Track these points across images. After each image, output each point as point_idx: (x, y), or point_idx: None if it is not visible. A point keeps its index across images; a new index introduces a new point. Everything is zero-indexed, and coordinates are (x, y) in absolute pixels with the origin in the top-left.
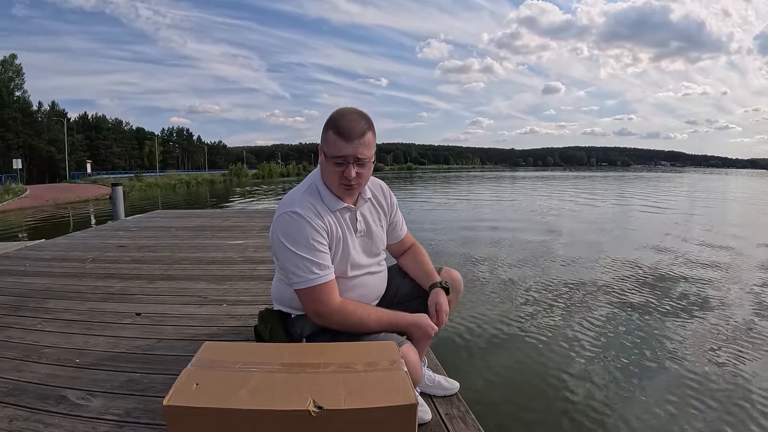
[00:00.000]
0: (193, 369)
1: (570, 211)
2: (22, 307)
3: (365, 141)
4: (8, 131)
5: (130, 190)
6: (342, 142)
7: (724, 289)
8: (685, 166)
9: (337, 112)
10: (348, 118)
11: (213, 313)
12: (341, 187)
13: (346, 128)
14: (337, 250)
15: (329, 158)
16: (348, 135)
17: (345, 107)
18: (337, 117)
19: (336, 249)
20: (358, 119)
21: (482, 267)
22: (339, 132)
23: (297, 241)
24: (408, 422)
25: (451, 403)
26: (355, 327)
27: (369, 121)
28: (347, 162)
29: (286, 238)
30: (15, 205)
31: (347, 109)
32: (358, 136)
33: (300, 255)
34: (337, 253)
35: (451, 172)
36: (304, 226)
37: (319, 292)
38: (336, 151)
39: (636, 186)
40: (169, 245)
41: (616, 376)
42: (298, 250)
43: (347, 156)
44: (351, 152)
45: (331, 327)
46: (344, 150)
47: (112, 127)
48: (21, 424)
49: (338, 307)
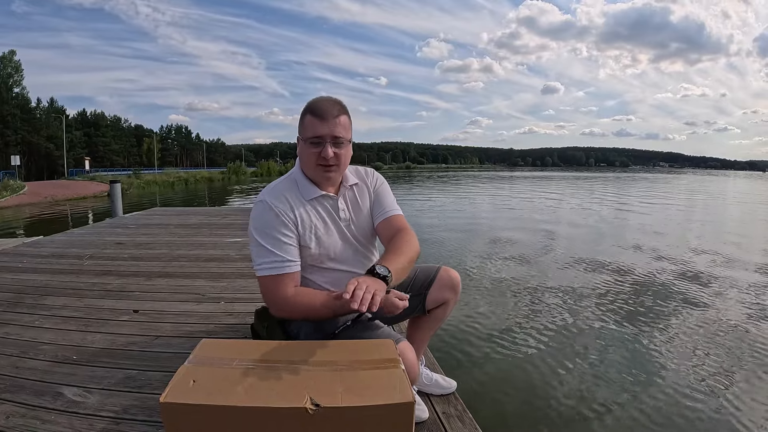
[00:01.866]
0: (191, 366)
1: (569, 210)
2: (19, 304)
3: (340, 121)
4: (7, 128)
5: (129, 188)
6: (318, 121)
7: (721, 292)
8: (684, 167)
9: (311, 100)
10: (323, 101)
11: (210, 310)
12: (319, 168)
13: (321, 109)
14: (310, 239)
15: (306, 141)
16: (323, 115)
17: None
18: (311, 102)
19: (309, 239)
20: (333, 102)
21: (480, 267)
22: (314, 113)
23: (262, 231)
24: (405, 420)
25: (449, 402)
26: (316, 313)
27: (343, 105)
28: (324, 141)
29: (254, 226)
30: (13, 201)
31: (322, 96)
32: (334, 116)
33: (262, 245)
34: (310, 243)
35: (449, 171)
36: (271, 217)
37: (272, 282)
38: (312, 132)
39: (634, 187)
40: (167, 242)
41: (613, 375)
42: (261, 239)
43: (324, 135)
44: (327, 131)
45: (282, 316)
46: (320, 129)
47: (110, 125)
48: (18, 421)
49: (291, 297)
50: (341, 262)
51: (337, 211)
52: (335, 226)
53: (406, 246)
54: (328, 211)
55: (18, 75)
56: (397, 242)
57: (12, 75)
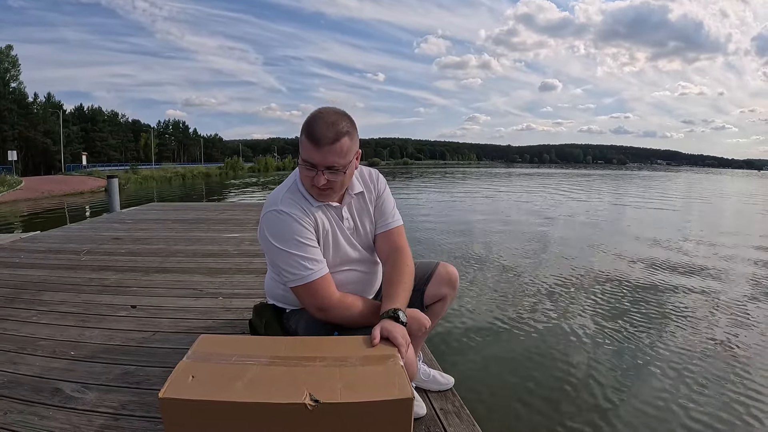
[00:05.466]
0: (189, 362)
1: (567, 207)
2: (16, 300)
3: (337, 148)
4: (4, 123)
5: (126, 183)
6: (312, 147)
7: (722, 288)
8: (681, 165)
9: (313, 114)
10: (323, 122)
11: (208, 305)
12: (313, 189)
13: (317, 134)
14: (327, 243)
15: (301, 161)
16: (318, 141)
17: (325, 107)
18: (311, 120)
19: (326, 242)
20: (333, 123)
21: (478, 263)
22: (310, 137)
23: (286, 239)
24: (404, 416)
25: (446, 398)
26: (354, 319)
27: (347, 123)
28: (317, 169)
29: (274, 237)
30: (10, 197)
31: (325, 111)
32: (329, 142)
33: (291, 252)
34: (328, 247)
35: (447, 167)
36: (290, 223)
37: (316, 288)
38: (306, 156)
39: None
40: (165, 238)
41: (610, 371)
42: (288, 248)
43: (317, 164)
44: (320, 160)
45: (333, 321)
46: (314, 156)
47: (108, 120)
48: (16, 417)
49: (339, 300)
50: (345, 269)
51: (342, 220)
52: (341, 233)
53: (408, 277)
54: (334, 218)
55: (15, 70)
56: (395, 270)
57: (9, 70)
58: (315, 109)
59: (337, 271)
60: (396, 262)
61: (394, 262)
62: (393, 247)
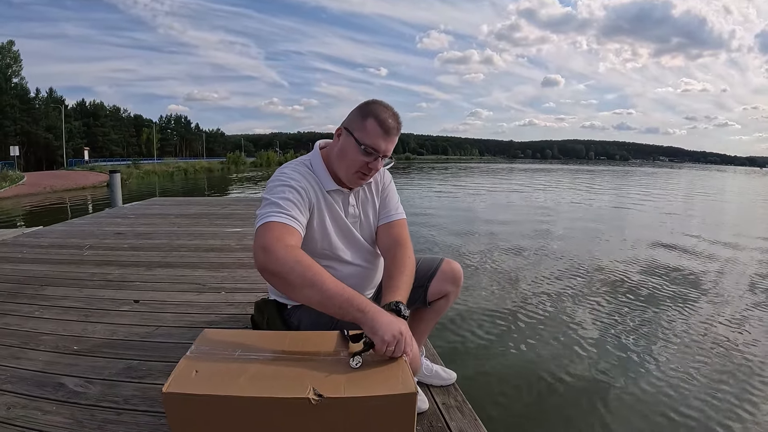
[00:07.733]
0: (193, 356)
1: (568, 204)
2: (19, 294)
3: (396, 139)
4: (6, 118)
5: (128, 178)
6: (382, 135)
7: (721, 283)
8: (684, 162)
9: (377, 103)
10: (390, 112)
11: (211, 300)
12: (357, 174)
13: (389, 123)
14: (319, 229)
15: (362, 145)
16: (389, 130)
17: (378, 100)
18: (378, 109)
19: (316, 227)
20: (396, 115)
21: (482, 259)
22: (382, 124)
23: (271, 189)
24: (407, 411)
25: (449, 393)
26: (306, 282)
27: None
28: (378, 155)
29: (267, 190)
30: (12, 192)
31: (385, 103)
32: (395, 133)
33: (269, 199)
34: (315, 233)
35: (449, 162)
36: (284, 179)
37: (273, 229)
38: (372, 142)
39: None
40: (167, 233)
41: (611, 368)
42: (269, 195)
43: (382, 150)
44: (386, 147)
45: (274, 272)
46: (381, 144)
47: (109, 114)
48: (19, 412)
49: (292, 251)
50: (345, 259)
51: (347, 207)
52: (342, 222)
53: (409, 270)
54: (339, 206)
55: (17, 65)
56: (399, 261)
57: (11, 65)
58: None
59: (328, 264)
60: (397, 254)
61: (395, 254)
62: (395, 240)
